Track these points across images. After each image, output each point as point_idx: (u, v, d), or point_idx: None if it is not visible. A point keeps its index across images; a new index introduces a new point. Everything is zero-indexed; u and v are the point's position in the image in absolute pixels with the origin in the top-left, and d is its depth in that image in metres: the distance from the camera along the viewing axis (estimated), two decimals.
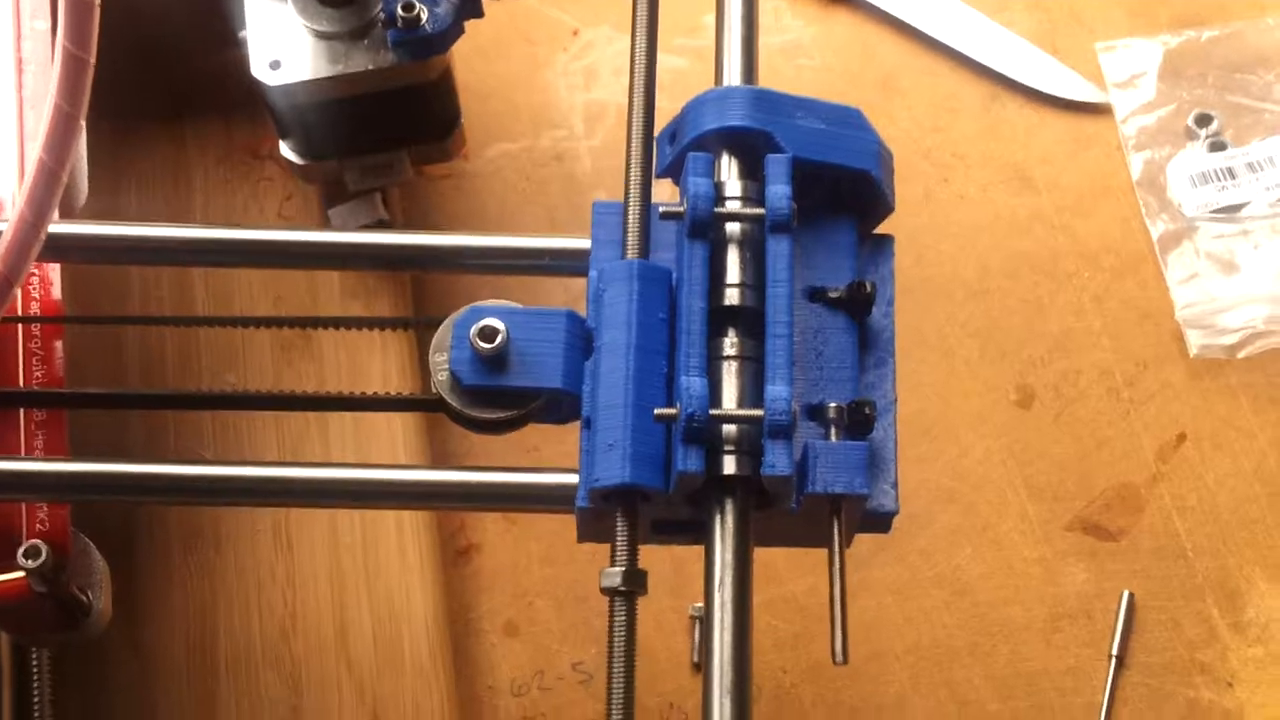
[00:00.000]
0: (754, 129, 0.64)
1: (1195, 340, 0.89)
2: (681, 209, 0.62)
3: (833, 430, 0.62)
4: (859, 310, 0.65)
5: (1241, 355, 0.89)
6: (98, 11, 0.61)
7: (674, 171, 0.66)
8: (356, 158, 0.86)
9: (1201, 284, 0.90)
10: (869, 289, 0.64)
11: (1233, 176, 0.92)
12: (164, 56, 0.91)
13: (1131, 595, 0.84)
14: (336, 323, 0.70)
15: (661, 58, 0.95)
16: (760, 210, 0.62)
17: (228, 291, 0.88)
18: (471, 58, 0.96)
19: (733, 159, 0.65)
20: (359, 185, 0.86)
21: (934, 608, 0.85)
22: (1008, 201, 0.94)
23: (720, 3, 0.70)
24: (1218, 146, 0.94)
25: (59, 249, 0.68)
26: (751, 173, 0.64)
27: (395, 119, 0.84)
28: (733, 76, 0.68)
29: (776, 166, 0.63)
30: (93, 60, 0.61)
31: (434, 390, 0.64)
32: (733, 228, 0.63)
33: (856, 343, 0.64)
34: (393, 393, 0.74)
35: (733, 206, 0.63)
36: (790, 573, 0.84)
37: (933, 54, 0.98)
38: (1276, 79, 0.95)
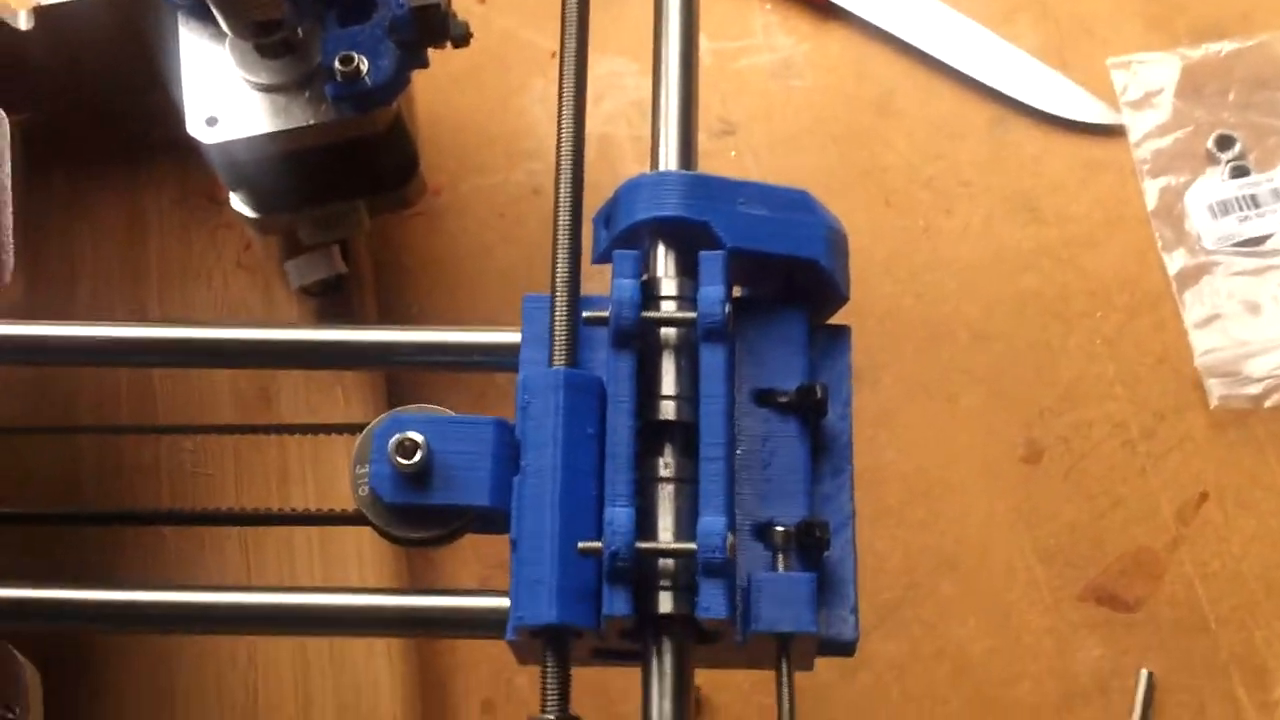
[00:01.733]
0: (690, 219, 0.58)
1: (1216, 389, 0.81)
2: (607, 314, 0.57)
3: (780, 557, 0.56)
4: (811, 414, 0.59)
5: (1268, 405, 0.81)
6: None
7: (610, 258, 0.60)
8: (310, 210, 0.80)
9: (1223, 326, 0.82)
10: (820, 393, 0.58)
11: (1256, 205, 0.85)
12: (112, 97, 0.86)
13: (1150, 674, 0.77)
14: (270, 429, 0.66)
15: (640, 81, 0.90)
16: (693, 314, 0.56)
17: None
18: (444, 85, 0.91)
19: (669, 251, 0.59)
20: (313, 240, 0.81)
21: (936, 685, 0.79)
22: (1013, 234, 0.87)
23: (656, 80, 0.64)
24: (1240, 172, 0.86)
25: None
26: (688, 267, 0.58)
27: (345, 172, 0.78)
28: (669, 159, 0.62)
29: (710, 265, 0.57)
30: None
31: (355, 506, 0.60)
32: (667, 332, 0.57)
33: (809, 451, 0.58)
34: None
35: (667, 308, 0.57)
36: None
37: (933, 73, 0.90)
38: None
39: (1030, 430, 0.82)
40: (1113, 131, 0.88)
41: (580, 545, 0.54)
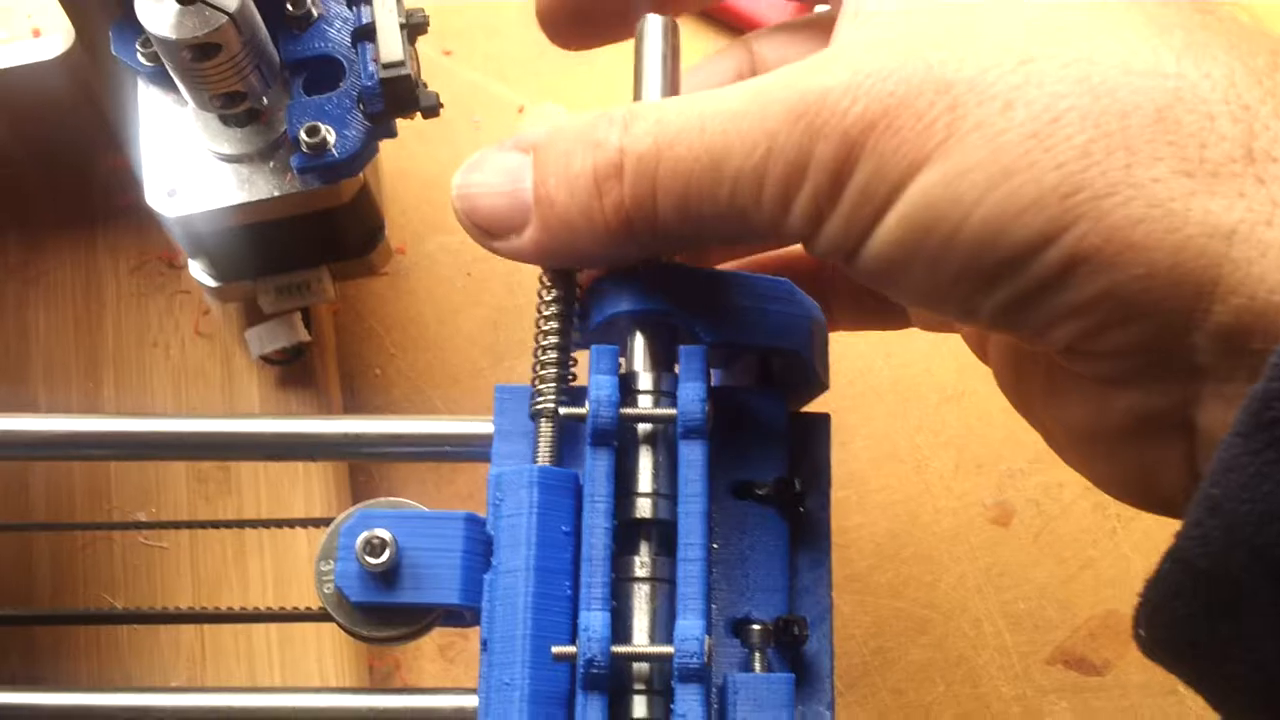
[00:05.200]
0: (669, 312, 0.57)
1: None
2: (583, 411, 0.56)
3: (757, 655, 0.55)
4: (789, 507, 0.58)
5: None
6: None
7: (586, 344, 0.59)
8: (271, 278, 0.79)
9: None
10: (797, 486, 0.57)
11: None
12: (68, 159, 0.85)
13: None
14: (214, 525, 0.64)
15: None
16: (673, 411, 0.55)
17: None
18: (409, 139, 0.89)
19: (646, 341, 0.58)
20: (275, 308, 0.80)
21: None
22: None
23: None
24: None
25: None
26: (666, 359, 0.57)
27: (308, 240, 0.77)
28: None
29: (690, 361, 0.56)
30: None
31: (320, 604, 0.59)
32: (645, 427, 0.56)
33: (787, 544, 0.58)
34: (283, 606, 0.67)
35: (644, 403, 0.56)
36: None
37: None
38: None
39: (1001, 492, 0.82)
40: None
41: (554, 651, 0.53)
